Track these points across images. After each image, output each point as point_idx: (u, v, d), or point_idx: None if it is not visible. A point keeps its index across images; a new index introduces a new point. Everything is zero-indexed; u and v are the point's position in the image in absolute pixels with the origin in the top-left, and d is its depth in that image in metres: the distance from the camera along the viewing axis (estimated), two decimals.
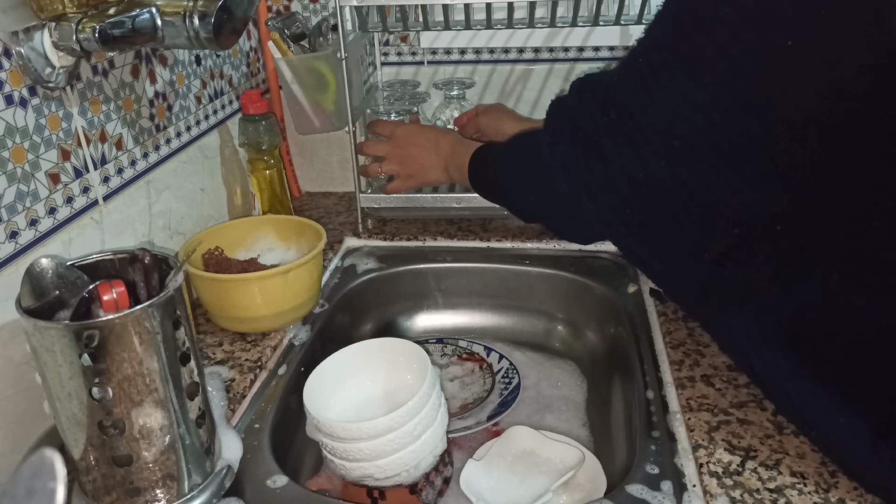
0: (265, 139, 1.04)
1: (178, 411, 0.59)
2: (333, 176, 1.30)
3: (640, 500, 0.62)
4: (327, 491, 0.72)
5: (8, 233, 0.65)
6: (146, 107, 0.87)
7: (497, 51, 1.21)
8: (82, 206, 0.75)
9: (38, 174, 0.69)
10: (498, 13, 1.09)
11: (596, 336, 1.02)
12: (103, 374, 0.54)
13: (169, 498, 0.60)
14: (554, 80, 1.22)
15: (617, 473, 0.76)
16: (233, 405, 0.76)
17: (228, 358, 0.82)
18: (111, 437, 0.57)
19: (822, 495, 0.59)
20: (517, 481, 0.76)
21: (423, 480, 0.71)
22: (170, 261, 0.62)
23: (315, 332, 0.91)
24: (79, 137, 0.75)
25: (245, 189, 1.12)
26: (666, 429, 0.71)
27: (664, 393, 0.76)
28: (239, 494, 0.65)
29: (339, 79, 1.01)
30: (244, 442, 0.71)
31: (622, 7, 1.00)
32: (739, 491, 0.60)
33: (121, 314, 0.54)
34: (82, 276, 0.60)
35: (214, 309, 0.86)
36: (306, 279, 0.86)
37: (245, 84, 1.15)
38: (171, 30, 0.66)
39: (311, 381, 0.73)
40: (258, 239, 0.95)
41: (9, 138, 0.65)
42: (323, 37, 1.07)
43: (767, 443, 0.65)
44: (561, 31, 1.17)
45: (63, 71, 0.68)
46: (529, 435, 0.80)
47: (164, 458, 0.59)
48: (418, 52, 1.23)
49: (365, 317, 1.05)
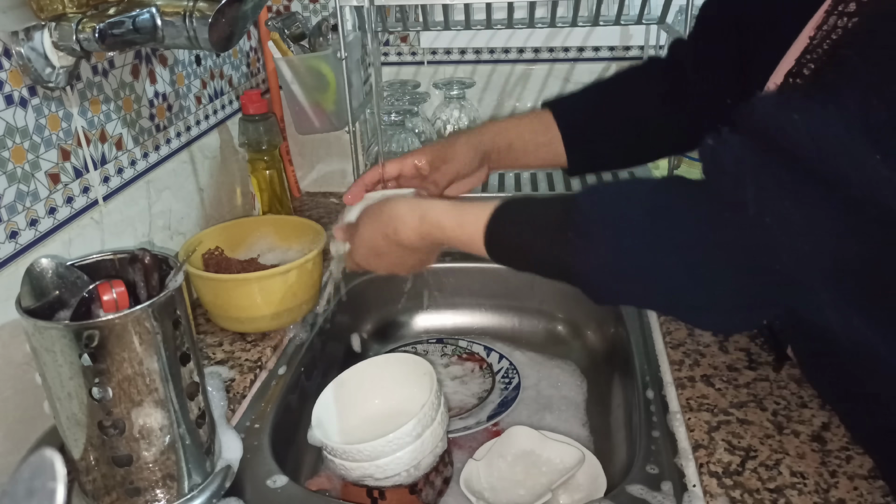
0: (265, 139, 1.04)
1: (178, 411, 0.59)
2: (333, 176, 1.30)
3: (640, 500, 0.62)
4: (327, 491, 0.72)
5: (8, 233, 0.65)
6: (146, 107, 0.86)
7: (497, 51, 1.21)
8: (82, 206, 0.75)
9: (38, 174, 0.69)
10: (498, 13, 1.09)
11: (596, 336, 1.02)
12: (103, 374, 0.54)
13: (169, 498, 0.60)
14: (554, 80, 1.22)
15: (617, 473, 0.76)
16: (233, 405, 0.76)
17: (228, 358, 0.82)
18: (111, 437, 0.57)
19: (822, 495, 0.59)
20: (517, 481, 0.76)
21: (423, 480, 0.71)
22: (170, 261, 0.62)
23: (315, 332, 0.91)
24: (79, 137, 0.75)
25: (245, 189, 1.12)
26: (666, 429, 0.71)
27: (664, 393, 0.76)
28: (239, 494, 0.65)
29: (339, 79, 1.01)
30: (244, 442, 0.71)
31: (622, 7, 1.00)
32: (739, 491, 0.60)
33: (121, 314, 0.54)
34: (82, 276, 0.60)
35: (214, 309, 0.86)
36: (306, 279, 0.86)
37: (245, 84, 1.15)
38: (171, 30, 0.66)
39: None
40: (258, 239, 0.95)
41: (9, 138, 0.65)
42: (323, 37, 1.07)
43: (767, 443, 0.65)
44: (561, 31, 1.17)
45: (63, 71, 0.68)
46: (529, 435, 0.80)
47: (164, 458, 0.59)
48: (418, 52, 1.23)
49: (365, 317, 1.06)
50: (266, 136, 1.04)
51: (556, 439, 0.79)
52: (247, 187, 1.11)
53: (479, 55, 1.22)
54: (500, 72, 1.23)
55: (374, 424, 0.78)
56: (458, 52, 1.22)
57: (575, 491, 0.74)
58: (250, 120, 1.03)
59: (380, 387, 0.80)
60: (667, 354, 0.80)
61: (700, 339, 0.82)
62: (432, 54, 1.23)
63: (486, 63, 1.23)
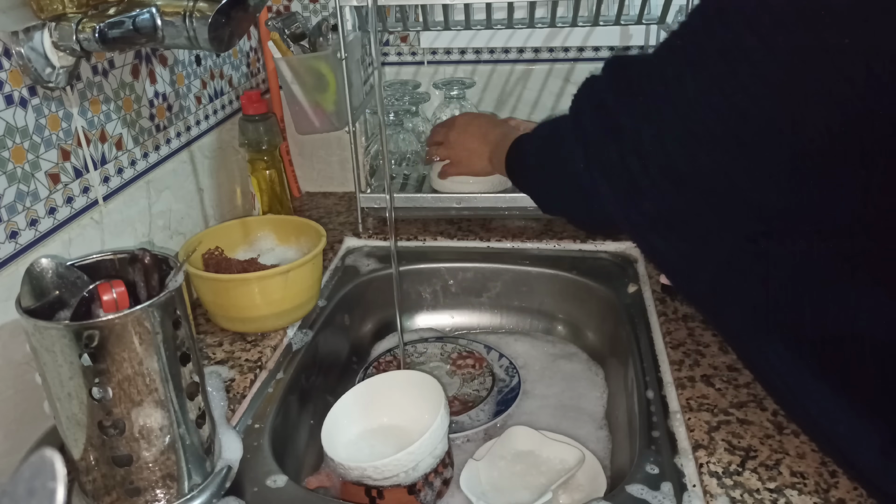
0: (265, 139, 1.04)
1: (178, 411, 0.59)
2: (333, 176, 1.30)
3: (640, 500, 0.62)
4: (325, 488, 0.72)
5: (8, 233, 0.65)
6: (146, 107, 0.87)
7: (497, 51, 1.21)
8: (82, 206, 0.75)
9: (38, 174, 0.69)
10: (498, 13, 1.09)
11: (596, 336, 1.02)
12: (103, 374, 0.54)
13: (169, 498, 0.60)
14: (554, 80, 1.22)
15: (617, 473, 0.76)
16: (233, 405, 0.76)
17: (228, 358, 0.82)
18: (111, 437, 0.57)
19: (822, 495, 0.59)
20: (517, 481, 0.76)
21: (422, 481, 0.71)
22: (170, 261, 0.62)
23: (315, 332, 0.91)
24: (79, 137, 0.75)
25: (245, 189, 1.12)
26: (666, 429, 0.71)
27: (664, 393, 0.76)
28: (239, 494, 0.65)
29: (339, 79, 1.01)
30: (244, 442, 0.71)
31: (622, 7, 1.00)
32: (739, 491, 0.60)
33: (121, 314, 0.54)
34: (82, 276, 0.60)
35: (214, 309, 0.86)
36: (306, 279, 0.86)
37: (245, 84, 1.15)
38: (171, 30, 0.66)
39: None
40: (258, 239, 0.95)
41: (9, 138, 0.65)
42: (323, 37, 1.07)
43: (767, 443, 0.65)
44: (561, 31, 1.17)
45: (63, 71, 0.68)
46: (529, 435, 0.80)
47: (164, 458, 0.59)
48: (418, 52, 1.23)
49: (365, 317, 1.06)
50: (266, 136, 1.04)
51: (556, 439, 0.79)
52: (247, 187, 1.11)
53: (479, 55, 1.22)
54: (500, 72, 1.23)
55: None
56: (458, 52, 1.22)
57: (575, 491, 0.74)
58: (250, 120, 1.03)
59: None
60: (667, 354, 0.80)
61: (700, 339, 0.82)
62: (432, 54, 1.23)
63: (486, 63, 1.23)
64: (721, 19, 0.53)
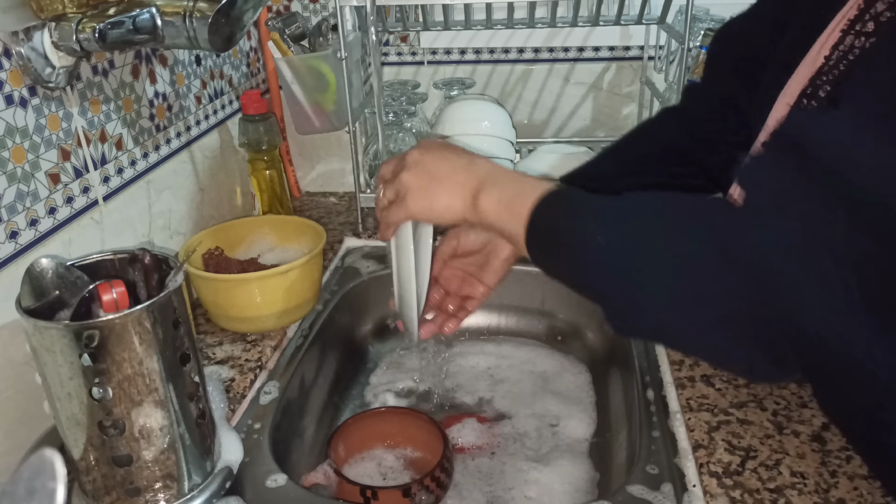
0: (265, 139, 1.04)
1: (178, 411, 0.59)
2: (333, 176, 1.30)
3: (641, 500, 0.62)
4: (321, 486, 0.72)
5: (8, 233, 0.65)
6: (146, 107, 0.86)
7: (497, 51, 1.21)
8: (82, 206, 0.75)
9: (38, 174, 0.69)
10: (498, 13, 1.09)
11: (596, 336, 1.02)
12: (103, 374, 0.54)
13: (169, 498, 0.60)
14: (554, 80, 1.22)
15: (617, 473, 0.76)
16: (233, 405, 0.76)
17: (228, 358, 0.82)
18: (111, 437, 0.57)
19: (822, 495, 0.59)
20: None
21: (417, 485, 0.71)
22: (170, 261, 0.62)
23: (315, 332, 0.91)
24: (79, 137, 0.75)
25: (245, 189, 1.12)
26: (666, 429, 0.71)
27: (664, 393, 0.76)
28: (239, 494, 0.65)
29: (339, 79, 1.01)
30: (244, 442, 0.71)
31: (622, 7, 1.00)
32: (739, 491, 0.60)
33: (121, 314, 0.54)
34: (82, 276, 0.60)
35: (214, 309, 0.86)
36: (306, 279, 0.86)
37: (245, 84, 1.15)
38: (171, 30, 0.66)
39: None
40: (258, 239, 0.95)
41: (9, 138, 0.65)
42: (323, 37, 1.07)
43: (767, 443, 0.65)
44: (561, 31, 1.17)
45: (63, 71, 0.68)
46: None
47: (164, 458, 0.59)
48: (418, 52, 1.23)
49: (365, 317, 1.05)
50: (266, 136, 1.04)
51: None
52: (247, 187, 1.11)
53: (479, 55, 1.22)
54: (500, 72, 1.23)
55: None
56: (458, 52, 1.22)
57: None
58: (250, 120, 1.03)
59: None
60: (667, 354, 0.80)
61: None
62: (432, 54, 1.23)
63: (486, 63, 1.23)
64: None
